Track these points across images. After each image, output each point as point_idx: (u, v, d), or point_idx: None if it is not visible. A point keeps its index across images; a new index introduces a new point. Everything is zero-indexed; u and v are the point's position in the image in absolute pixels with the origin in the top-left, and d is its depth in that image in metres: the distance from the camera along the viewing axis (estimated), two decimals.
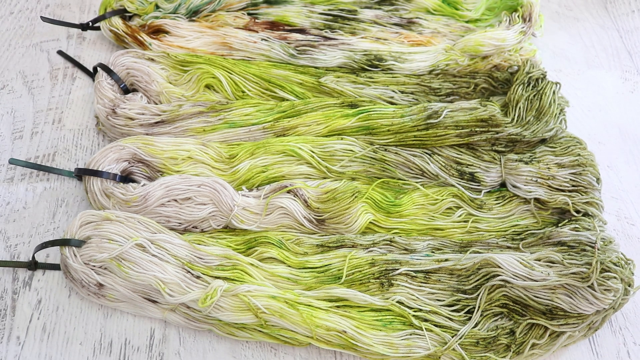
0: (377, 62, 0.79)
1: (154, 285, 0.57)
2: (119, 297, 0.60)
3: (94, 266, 0.59)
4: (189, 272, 0.59)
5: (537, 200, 0.67)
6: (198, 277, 0.59)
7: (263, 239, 0.63)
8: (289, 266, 0.61)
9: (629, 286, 0.58)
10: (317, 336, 0.56)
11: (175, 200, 0.65)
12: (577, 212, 0.66)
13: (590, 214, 0.65)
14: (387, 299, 0.58)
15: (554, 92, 0.72)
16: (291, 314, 0.56)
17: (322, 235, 0.65)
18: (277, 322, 0.56)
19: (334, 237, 0.64)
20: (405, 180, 0.69)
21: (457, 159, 0.69)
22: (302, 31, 0.82)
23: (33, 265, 0.63)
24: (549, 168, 0.67)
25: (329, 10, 0.85)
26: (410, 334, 0.57)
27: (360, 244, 0.63)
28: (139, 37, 0.81)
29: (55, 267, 0.63)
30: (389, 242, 0.63)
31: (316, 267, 0.61)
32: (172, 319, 0.60)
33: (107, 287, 0.60)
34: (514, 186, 0.68)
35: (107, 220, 0.61)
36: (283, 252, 0.62)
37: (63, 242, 0.60)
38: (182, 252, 0.60)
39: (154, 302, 0.60)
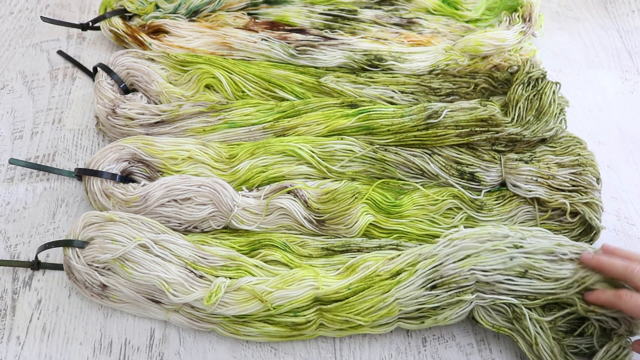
0: (377, 62, 0.79)
1: (157, 286, 0.57)
2: (122, 298, 0.60)
3: (98, 267, 0.60)
4: (192, 271, 0.59)
5: (536, 200, 0.67)
6: (201, 277, 0.59)
7: (267, 241, 0.63)
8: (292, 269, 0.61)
9: None
10: (323, 292, 0.57)
11: (175, 201, 0.65)
12: (574, 214, 0.66)
13: None
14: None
15: (554, 92, 0.72)
16: (293, 274, 0.58)
17: (328, 238, 0.65)
18: (282, 295, 0.56)
19: (340, 240, 0.64)
20: (405, 180, 0.69)
21: (457, 159, 0.69)
22: (302, 31, 0.82)
23: (36, 265, 0.63)
24: (549, 167, 0.67)
25: (329, 10, 0.85)
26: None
27: (367, 247, 0.63)
28: (139, 37, 0.81)
29: (57, 267, 0.64)
30: (395, 247, 0.63)
31: None
32: (175, 320, 0.60)
33: (110, 288, 0.60)
34: (514, 185, 0.68)
35: (111, 221, 0.61)
36: (287, 254, 0.62)
37: (66, 243, 0.60)
38: (186, 252, 0.60)
39: (158, 302, 0.60)
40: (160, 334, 0.60)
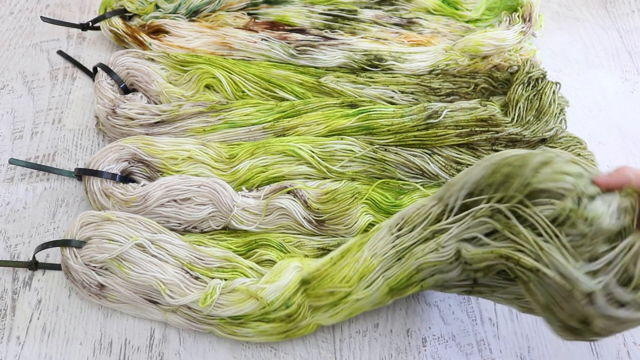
0: (377, 62, 0.79)
1: (154, 286, 0.57)
2: (120, 298, 0.60)
3: (95, 267, 0.60)
4: (188, 272, 0.59)
5: None
6: (197, 278, 0.59)
7: (264, 241, 0.63)
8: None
9: None
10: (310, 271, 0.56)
11: (175, 201, 0.65)
12: None
13: None
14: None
15: (554, 92, 0.72)
16: (280, 264, 0.57)
17: (324, 238, 0.65)
18: (274, 288, 0.56)
19: (336, 240, 0.64)
20: (405, 180, 0.69)
21: (457, 159, 0.69)
22: (302, 31, 0.82)
23: (34, 265, 0.63)
24: None
25: (329, 10, 0.85)
26: None
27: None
28: (139, 37, 0.81)
29: (55, 267, 0.64)
30: None
31: None
32: (173, 321, 0.60)
33: (108, 288, 0.60)
34: None
35: (108, 220, 0.61)
36: (282, 255, 0.62)
37: (64, 243, 0.60)
38: (183, 252, 0.60)
39: (155, 303, 0.60)
40: (160, 334, 0.60)
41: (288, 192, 0.65)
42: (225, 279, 0.59)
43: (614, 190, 0.46)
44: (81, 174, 0.67)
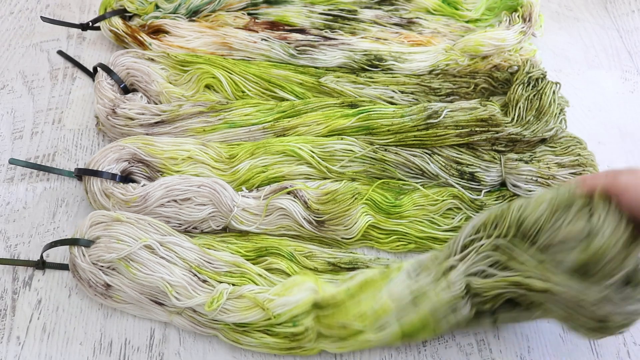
0: (377, 62, 0.79)
1: (161, 287, 0.57)
2: (125, 298, 0.60)
3: (102, 266, 0.59)
4: (196, 275, 0.59)
5: None
6: (204, 281, 0.58)
7: (274, 250, 0.63)
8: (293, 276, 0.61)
9: None
10: (323, 291, 0.56)
11: (175, 201, 0.65)
12: None
13: None
14: None
15: (554, 92, 0.72)
16: (294, 280, 0.57)
17: (337, 251, 0.64)
18: (283, 302, 0.55)
19: (348, 257, 0.63)
20: (405, 180, 0.69)
21: (457, 159, 0.69)
22: (302, 31, 0.82)
23: (41, 264, 0.63)
24: (549, 167, 0.67)
25: (329, 10, 0.85)
26: None
27: (374, 267, 0.62)
28: (139, 37, 0.81)
29: (62, 266, 0.63)
30: None
31: None
32: (178, 323, 0.59)
33: (114, 287, 0.59)
34: (514, 185, 0.68)
35: (118, 221, 0.61)
36: (292, 265, 0.61)
37: (72, 242, 0.60)
38: (192, 255, 0.60)
39: (161, 304, 0.59)
40: (160, 334, 0.60)
41: (288, 193, 0.65)
42: (233, 284, 0.59)
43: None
44: (81, 174, 0.67)
